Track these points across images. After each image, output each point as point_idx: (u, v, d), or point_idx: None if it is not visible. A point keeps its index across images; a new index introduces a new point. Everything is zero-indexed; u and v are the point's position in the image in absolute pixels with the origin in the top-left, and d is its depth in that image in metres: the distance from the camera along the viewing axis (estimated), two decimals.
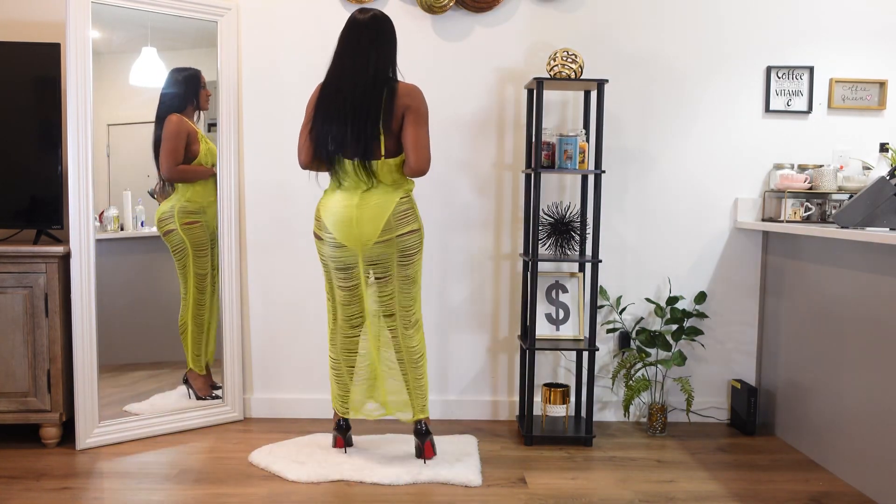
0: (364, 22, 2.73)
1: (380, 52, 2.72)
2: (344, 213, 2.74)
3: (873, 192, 2.74)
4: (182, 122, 3.29)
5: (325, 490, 2.69)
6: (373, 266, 2.81)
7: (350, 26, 2.75)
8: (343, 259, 2.79)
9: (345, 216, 2.74)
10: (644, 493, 2.72)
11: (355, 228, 2.73)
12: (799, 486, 2.82)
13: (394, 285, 2.82)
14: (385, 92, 2.69)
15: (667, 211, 3.51)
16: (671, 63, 3.45)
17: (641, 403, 3.54)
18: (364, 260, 2.78)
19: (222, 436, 3.26)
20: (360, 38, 2.72)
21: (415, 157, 2.70)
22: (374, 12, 2.76)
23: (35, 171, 3.16)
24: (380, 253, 2.77)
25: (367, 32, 2.72)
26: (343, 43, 2.75)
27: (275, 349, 3.52)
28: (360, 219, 2.73)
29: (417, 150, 2.69)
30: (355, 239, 2.74)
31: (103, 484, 2.73)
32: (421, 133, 2.71)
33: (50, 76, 3.13)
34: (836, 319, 2.94)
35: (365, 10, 2.77)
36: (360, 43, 2.72)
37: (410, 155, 2.70)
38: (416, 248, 2.82)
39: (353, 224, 2.73)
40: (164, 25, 3.23)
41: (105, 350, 3.11)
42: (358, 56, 2.71)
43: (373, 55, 2.71)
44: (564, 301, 3.34)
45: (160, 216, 3.32)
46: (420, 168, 2.71)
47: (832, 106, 3.48)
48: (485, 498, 2.65)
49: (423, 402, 2.89)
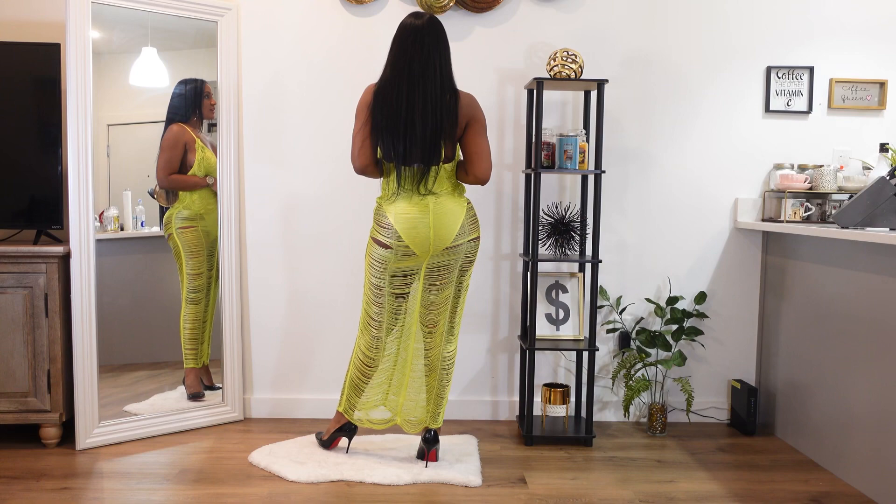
0: (424, 27, 2.66)
1: (443, 59, 2.68)
2: (420, 220, 2.70)
3: (873, 192, 2.74)
4: (181, 132, 3.30)
5: (325, 490, 2.69)
6: (433, 273, 2.80)
7: (409, 31, 2.66)
8: (407, 267, 2.77)
9: (421, 222, 2.70)
10: (644, 493, 2.72)
11: (432, 234, 2.71)
12: (799, 486, 2.82)
13: (449, 292, 2.83)
14: (453, 101, 2.68)
15: (667, 211, 3.51)
16: (671, 63, 3.45)
17: (641, 403, 3.54)
18: (427, 267, 2.79)
19: (222, 436, 3.26)
20: (422, 43, 2.64)
21: (480, 166, 2.74)
22: (430, 16, 2.70)
23: (35, 171, 3.16)
24: (444, 260, 2.77)
25: (428, 38, 2.65)
26: (403, 48, 2.66)
27: (275, 349, 3.52)
28: (437, 224, 2.71)
29: (483, 160, 2.74)
30: (428, 245, 2.72)
31: (103, 484, 2.73)
32: (484, 143, 2.76)
33: (50, 76, 3.13)
34: (836, 319, 2.94)
35: (419, 14, 2.71)
36: (423, 49, 2.64)
37: (476, 164, 2.73)
38: (475, 256, 2.85)
39: (431, 230, 2.71)
40: (164, 25, 3.23)
41: (105, 350, 3.11)
42: (424, 63, 2.64)
43: (438, 62, 2.66)
44: (564, 301, 3.34)
45: (165, 220, 3.36)
46: (484, 177, 2.75)
47: (832, 106, 3.48)
48: (485, 498, 2.65)
49: (438, 411, 2.90)
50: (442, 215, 2.72)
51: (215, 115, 3.33)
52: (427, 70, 2.64)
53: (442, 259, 2.77)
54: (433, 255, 2.75)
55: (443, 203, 2.73)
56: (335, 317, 3.50)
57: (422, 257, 2.75)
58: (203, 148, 3.34)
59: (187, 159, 3.32)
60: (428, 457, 2.89)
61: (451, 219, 2.73)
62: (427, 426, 2.91)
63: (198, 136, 3.34)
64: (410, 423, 2.96)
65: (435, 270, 2.80)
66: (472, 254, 2.82)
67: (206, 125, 3.39)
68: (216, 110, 3.32)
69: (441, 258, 2.77)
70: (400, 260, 2.74)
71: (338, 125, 3.41)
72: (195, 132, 3.34)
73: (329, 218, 3.44)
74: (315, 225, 3.46)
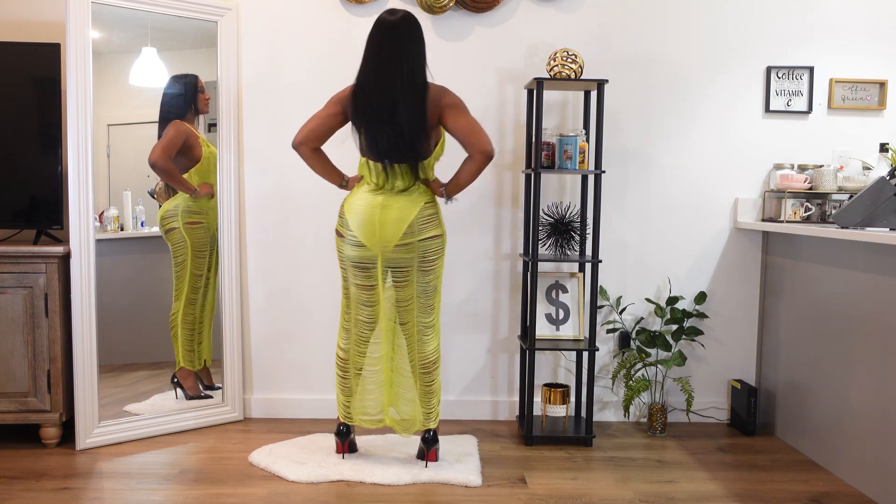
0: (396, 23, 2.67)
1: (415, 54, 2.68)
2: (367, 214, 2.72)
3: (873, 192, 2.74)
4: (182, 125, 3.29)
5: (325, 490, 2.69)
6: (392, 270, 2.79)
7: (381, 28, 2.68)
8: (362, 259, 2.78)
9: (368, 216, 2.72)
10: (644, 494, 2.72)
11: (377, 230, 2.72)
12: (799, 486, 2.82)
13: (412, 290, 2.81)
14: (423, 95, 2.67)
15: (667, 211, 3.51)
16: (671, 63, 3.45)
17: (641, 403, 3.54)
18: (383, 263, 2.78)
19: (222, 436, 3.26)
20: (393, 39, 2.66)
21: (474, 140, 2.67)
22: (404, 13, 2.70)
23: (35, 171, 3.16)
24: (400, 257, 2.75)
25: (399, 33, 2.66)
26: (375, 44, 2.68)
27: (275, 349, 3.52)
28: (384, 220, 2.71)
29: (473, 133, 2.67)
30: (376, 240, 2.73)
31: (103, 484, 2.73)
32: (469, 118, 2.70)
33: (50, 76, 3.13)
34: (836, 319, 2.94)
35: (394, 11, 2.71)
36: (393, 44, 2.66)
37: (471, 141, 2.67)
38: (439, 255, 2.80)
39: (376, 225, 2.72)
40: (164, 25, 3.23)
41: (105, 350, 3.11)
42: (394, 58, 2.65)
43: (408, 59, 2.66)
44: (564, 301, 3.34)
45: (163, 214, 3.32)
46: (485, 148, 2.66)
47: (832, 106, 3.48)
48: (485, 498, 2.65)
49: (429, 411, 2.88)
50: (390, 212, 2.71)
51: (216, 114, 3.33)
52: (395, 65, 2.65)
53: (398, 255, 2.75)
54: (387, 251, 2.74)
55: (395, 200, 2.73)
56: (335, 317, 3.49)
57: (373, 250, 2.75)
58: (206, 143, 3.34)
59: (193, 154, 3.31)
60: (427, 457, 2.89)
61: (399, 215, 2.71)
62: (424, 428, 2.90)
63: (198, 131, 3.34)
64: (399, 422, 2.93)
65: (393, 267, 2.79)
66: (431, 253, 2.78)
67: (201, 120, 3.37)
68: (217, 110, 3.32)
69: (396, 254, 2.75)
70: (354, 250, 2.76)
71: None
72: (194, 128, 3.33)
73: (329, 218, 3.44)
74: (315, 225, 3.46)
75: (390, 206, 2.72)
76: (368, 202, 2.73)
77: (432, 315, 2.85)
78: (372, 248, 2.74)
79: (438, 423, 2.92)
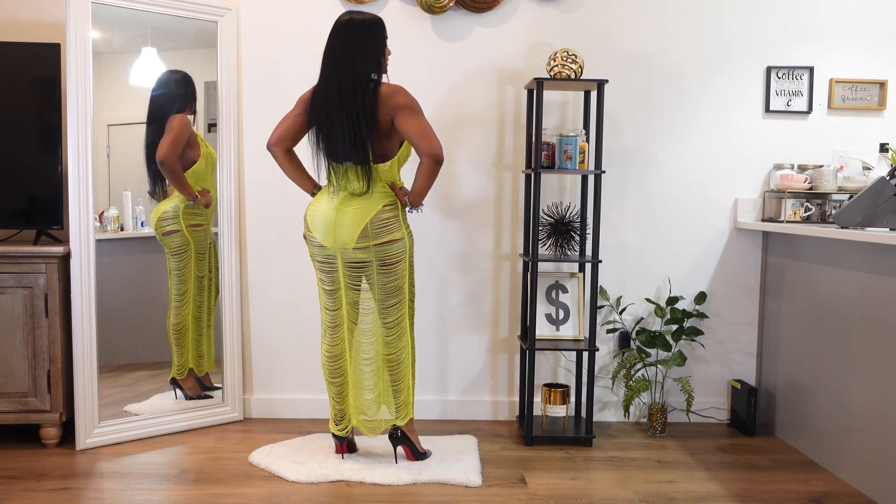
0: (345, 23, 2.69)
1: (362, 54, 2.67)
2: (325, 215, 2.73)
3: (873, 192, 2.74)
4: (186, 119, 3.27)
5: (325, 490, 2.69)
6: (350, 271, 2.79)
7: (334, 29, 2.72)
8: (325, 261, 2.80)
9: (325, 218, 2.73)
10: (644, 494, 2.72)
11: (333, 231, 2.72)
12: (799, 486, 2.82)
13: (373, 292, 2.80)
14: (369, 95, 2.65)
15: (667, 211, 3.51)
16: (671, 63, 3.45)
17: (641, 403, 3.54)
18: (344, 264, 2.78)
19: (222, 436, 3.26)
20: (341, 40, 2.68)
21: (422, 142, 2.63)
22: (357, 15, 2.71)
23: (35, 171, 3.16)
24: (360, 258, 2.75)
25: (347, 35, 2.68)
26: (327, 46, 2.72)
27: (275, 349, 3.52)
28: (338, 223, 2.71)
29: (421, 136, 2.63)
30: (334, 242, 2.74)
31: (103, 484, 2.73)
32: (420, 120, 2.67)
33: (50, 76, 3.13)
34: (836, 319, 2.94)
35: (353, 12, 2.74)
36: (341, 46, 2.68)
37: (418, 143, 2.64)
38: (399, 258, 2.75)
39: (332, 227, 2.72)
40: (164, 25, 3.23)
41: (105, 350, 3.11)
42: (341, 59, 2.67)
43: (355, 58, 2.66)
44: (564, 301, 3.34)
45: (161, 215, 3.30)
46: (433, 152, 2.63)
47: (832, 106, 3.48)
48: (485, 498, 2.65)
49: (396, 407, 2.85)
50: (345, 213, 2.70)
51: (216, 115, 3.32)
52: (342, 66, 2.66)
53: (356, 257, 2.75)
54: (346, 252, 2.74)
55: (350, 203, 2.71)
56: None
57: (332, 249, 2.76)
58: (205, 143, 3.33)
59: (189, 152, 3.29)
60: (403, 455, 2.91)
61: (353, 218, 2.70)
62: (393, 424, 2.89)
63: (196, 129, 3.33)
64: (365, 423, 2.90)
65: (352, 269, 2.78)
66: (392, 257, 2.73)
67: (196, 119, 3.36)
68: (217, 110, 3.32)
69: (355, 256, 2.75)
70: (317, 251, 2.79)
71: None
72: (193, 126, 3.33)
73: None
74: None
75: (345, 210, 2.71)
76: (326, 204, 2.74)
77: (396, 315, 2.80)
78: (331, 250, 2.76)
79: (408, 422, 2.88)
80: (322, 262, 2.81)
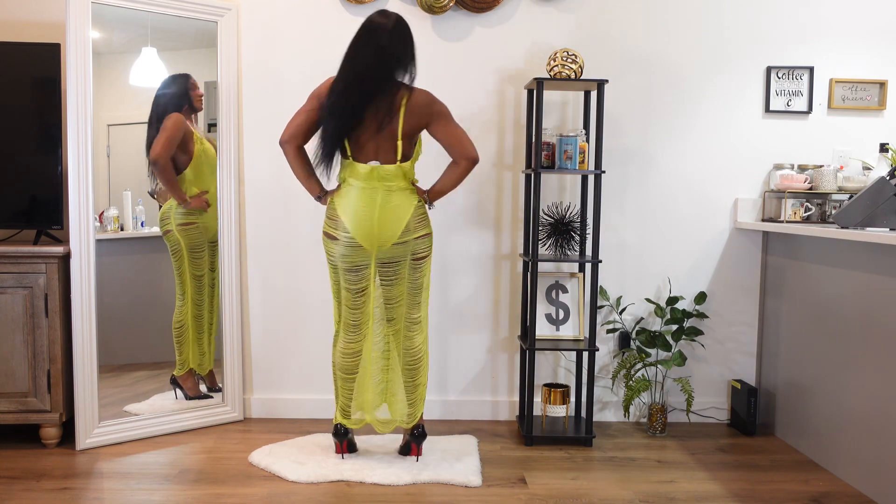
0: (382, 24, 2.69)
1: (399, 56, 2.70)
2: (365, 213, 2.72)
3: (873, 192, 2.74)
4: (183, 119, 3.28)
5: (325, 490, 2.69)
6: (384, 268, 2.80)
7: (368, 29, 2.70)
8: (355, 260, 2.78)
9: (366, 216, 2.72)
10: (644, 494, 2.72)
11: (376, 229, 2.73)
12: (799, 486, 2.82)
13: (402, 288, 2.83)
14: (405, 97, 2.69)
15: (667, 211, 3.51)
16: (671, 63, 3.45)
17: (641, 403, 3.54)
18: (377, 262, 2.79)
19: (222, 436, 3.26)
20: (378, 40, 2.67)
21: (462, 148, 2.74)
22: (394, 15, 2.72)
23: (35, 171, 3.16)
24: (394, 254, 2.77)
25: (385, 35, 2.67)
26: (358, 44, 2.70)
27: (275, 349, 3.52)
28: (382, 219, 2.72)
29: (461, 142, 2.74)
30: (374, 239, 2.73)
31: (103, 484, 2.73)
32: (456, 129, 2.76)
33: (50, 76, 3.13)
34: (836, 319, 2.94)
35: (385, 13, 2.73)
36: (378, 45, 2.67)
37: (457, 149, 2.74)
38: (428, 252, 2.84)
39: (374, 224, 2.72)
40: (164, 25, 3.23)
41: (105, 350, 3.11)
42: (376, 59, 2.67)
43: (391, 59, 2.68)
44: (564, 301, 3.34)
45: (161, 215, 3.32)
46: (471, 156, 2.74)
47: (832, 106, 3.48)
48: (485, 498, 2.65)
49: (415, 404, 2.89)
50: (388, 212, 2.73)
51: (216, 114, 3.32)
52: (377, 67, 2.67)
53: (391, 253, 2.77)
54: (382, 249, 2.76)
55: (391, 200, 2.74)
56: None
57: (370, 250, 2.75)
58: (202, 140, 3.33)
59: (186, 149, 3.30)
60: (415, 452, 2.92)
61: (398, 214, 2.74)
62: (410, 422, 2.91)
63: (195, 127, 3.33)
64: (381, 421, 2.94)
65: (386, 265, 2.80)
66: (422, 250, 2.82)
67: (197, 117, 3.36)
68: (217, 110, 3.32)
69: (390, 252, 2.77)
70: (348, 250, 2.76)
71: None
72: (191, 124, 3.33)
73: None
74: (315, 225, 3.46)
75: (388, 205, 2.73)
76: (365, 201, 2.72)
77: (420, 311, 2.87)
78: (367, 248, 2.75)
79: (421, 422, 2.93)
80: (350, 261, 2.78)
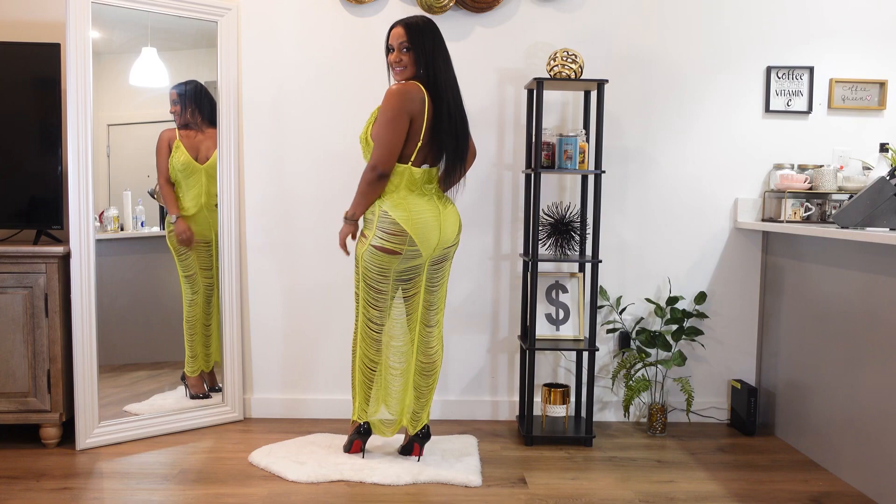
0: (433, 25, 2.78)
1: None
2: (434, 222, 2.76)
3: (873, 192, 2.74)
4: (163, 135, 3.31)
5: (325, 490, 2.69)
6: (433, 273, 2.85)
7: (437, 30, 2.77)
8: (413, 269, 2.81)
9: (434, 224, 2.76)
10: (644, 494, 2.72)
11: (441, 234, 2.78)
12: (799, 486, 2.82)
13: (444, 290, 2.90)
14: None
15: (667, 211, 3.51)
16: (671, 63, 3.45)
17: (641, 403, 3.54)
18: (429, 267, 2.84)
19: (222, 436, 3.26)
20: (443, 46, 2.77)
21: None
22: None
23: (35, 171, 3.16)
24: (442, 255, 2.83)
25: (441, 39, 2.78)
26: (443, 49, 2.76)
27: (275, 349, 3.52)
28: (444, 223, 2.78)
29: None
30: (435, 245, 2.78)
31: (103, 484, 2.73)
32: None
33: (50, 76, 3.13)
34: (835, 319, 2.94)
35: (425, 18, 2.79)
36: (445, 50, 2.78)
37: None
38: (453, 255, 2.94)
39: (440, 230, 2.77)
40: (164, 25, 3.23)
41: (105, 350, 3.11)
42: (448, 62, 2.79)
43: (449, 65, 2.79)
44: (564, 301, 3.34)
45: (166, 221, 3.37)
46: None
47: (832, 106, 3.48)
48: (485, 498, 2.65)
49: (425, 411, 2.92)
50: (447, 216, 2.80)
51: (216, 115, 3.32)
52: (451, 73, 2.79)
53: (439, 256, 2.83)
54: (436, 253, 2.81)
55: (445, 205, 2.82)
56: (335, 317, 3.50)
57: (426, 257, 2.79)
58: (178, 146, 3.32)
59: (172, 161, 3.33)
60: (418, 452, 2.93)
61: (454, 219, 2.83)
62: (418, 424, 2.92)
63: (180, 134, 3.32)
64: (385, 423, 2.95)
65: (435, 269, 2.84)
66: (453, 253, 2.91)
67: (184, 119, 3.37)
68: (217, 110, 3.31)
69: (441, 254, 2.83)
70: (410, 262, 2.78)
71: (338, 125, 3.41)
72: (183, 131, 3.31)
73: (329, 218, 3.44)
74: (315, 225, 3.46)
75: (446, 211, 2.81)
76: (432, 211, 2.76)
77: (441, 314, 2.93)
78: (426, 256, 2.79)
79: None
80: (409, 272, 2.80)
